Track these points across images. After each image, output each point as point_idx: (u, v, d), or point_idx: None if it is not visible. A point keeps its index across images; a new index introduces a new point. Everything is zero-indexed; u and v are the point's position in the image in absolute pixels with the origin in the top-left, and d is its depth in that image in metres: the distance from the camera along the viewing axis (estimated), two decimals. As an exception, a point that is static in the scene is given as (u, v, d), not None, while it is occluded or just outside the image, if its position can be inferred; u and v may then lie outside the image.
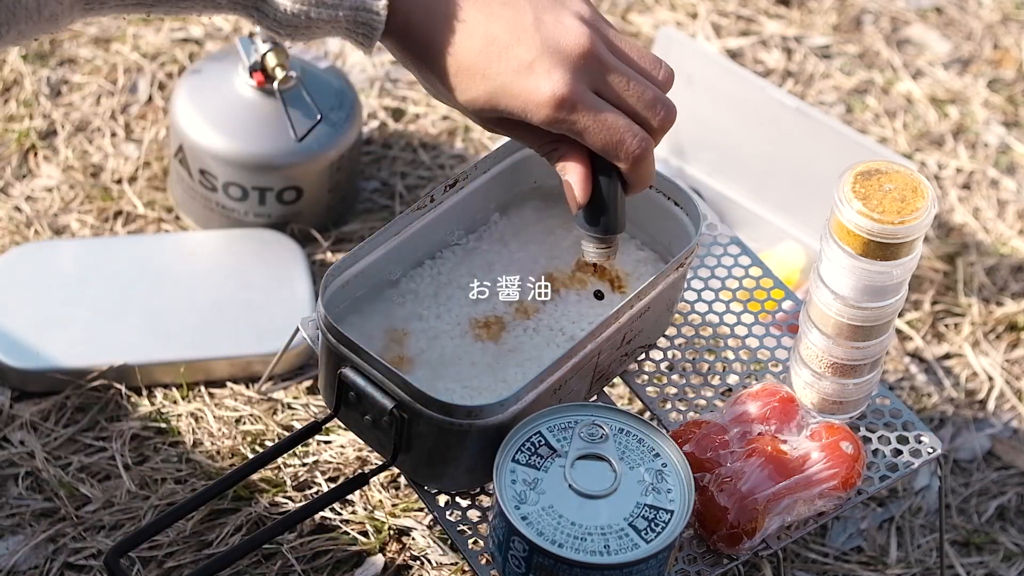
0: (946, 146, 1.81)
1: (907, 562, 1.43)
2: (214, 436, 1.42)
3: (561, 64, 1.02)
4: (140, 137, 1.67)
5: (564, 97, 1.02)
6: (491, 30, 1.02)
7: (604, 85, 1.04)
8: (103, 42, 1.76)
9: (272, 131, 1.53)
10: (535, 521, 1.09)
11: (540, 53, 1.02)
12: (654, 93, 1.06)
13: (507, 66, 1.02)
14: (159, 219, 1.60)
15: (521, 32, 1.02)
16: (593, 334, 1.17)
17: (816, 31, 1.91)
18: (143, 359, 1.44)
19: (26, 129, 1.66)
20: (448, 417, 1.11)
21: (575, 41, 1.03)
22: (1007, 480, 1.51)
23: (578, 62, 1.03)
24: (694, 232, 1.24)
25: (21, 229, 1.56)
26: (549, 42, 1.02)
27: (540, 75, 1.02)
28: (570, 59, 1.02)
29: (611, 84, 1.04)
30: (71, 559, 1.34)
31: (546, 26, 1.03)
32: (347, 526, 1.37)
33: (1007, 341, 1.62)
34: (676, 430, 1.21)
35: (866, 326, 1.20)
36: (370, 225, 1.61)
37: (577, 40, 1.03)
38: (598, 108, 1.03)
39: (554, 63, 1.02)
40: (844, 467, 1.18)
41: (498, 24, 1.02)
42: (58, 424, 1.43)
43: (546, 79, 1.02)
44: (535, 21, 1.03)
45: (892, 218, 1.14)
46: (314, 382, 1.47)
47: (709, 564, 1.18)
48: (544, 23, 1.03)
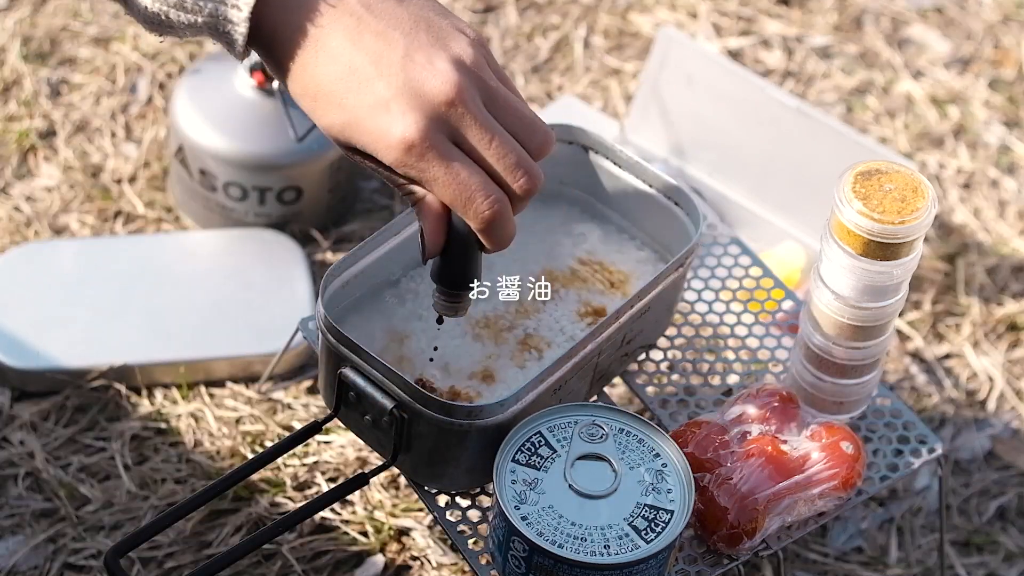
0: (946, 146, 1.81)
1: (907, 562, 1.43)
2: (214, 436, 1.42)
3: (419, 108, 0.97)
4: (140, 137, 1.67)
5: (415, 142, 0.97)
6: (355, 60, 0.98)
7: (463, 138, 0.99)
8: (103, 42, 1.76)
9: (272, 131, 1.53)
10: (535, 521, 1.09)
11: (399, 92, 0.97)
12: (517, 156, 0.99)
13: (363, 100, 0.98)
14: (159, 219, 1.60)
15: (385, 67, 0.97)
16: (593, 334, 1.17)
17: (816, 31, 1.91)
18: (143, 359, 1.44)
19: (26, 129, 1.66)
20: (448, 417, 1.11)
21: (440, 86, 0.97)
22: (1007, 480, 1.51)
23: (438, 108, 0.97)
24: (694, 232, 1.24)
25: (21, 229, 1.56)
26: (412, 83, 0.97)
27: (395, 115, 0.97)
28: (430, 104, 0.97)
29: (471, 138, 0.98)
30: (71, 559, 1.34)
31: (414, 65, 0.97)
32: (347, 526, 1.37)
33: (1007, 341, 1.62)
34: (676, 430, 1.21)
35: (866, 326, 1.20)
36: (370, 225, 1.61)
37: (442, 85, 0.97)
38: (450, 159, 0.98)
39: (411, 105, 0.97)
40: (844, 467, 1.18)
41: (363, 55, 0.98)
42: (58, 424, 1.43)
43: (399, 120, 0.97)
44: (403, 58, 0.97)
45: (892, 218, 1.14)
46: (314, 382, 1.47)
47: (709, 564, 1.18)
48: (413, 62, 0.97)
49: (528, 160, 1.00)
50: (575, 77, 1.81)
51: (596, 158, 1.28)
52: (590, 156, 1.28)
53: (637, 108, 1.69)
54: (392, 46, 0.98)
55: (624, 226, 1.30)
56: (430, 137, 0.97)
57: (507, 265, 1.26)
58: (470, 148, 0.99)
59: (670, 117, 1.68)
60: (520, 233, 1.28)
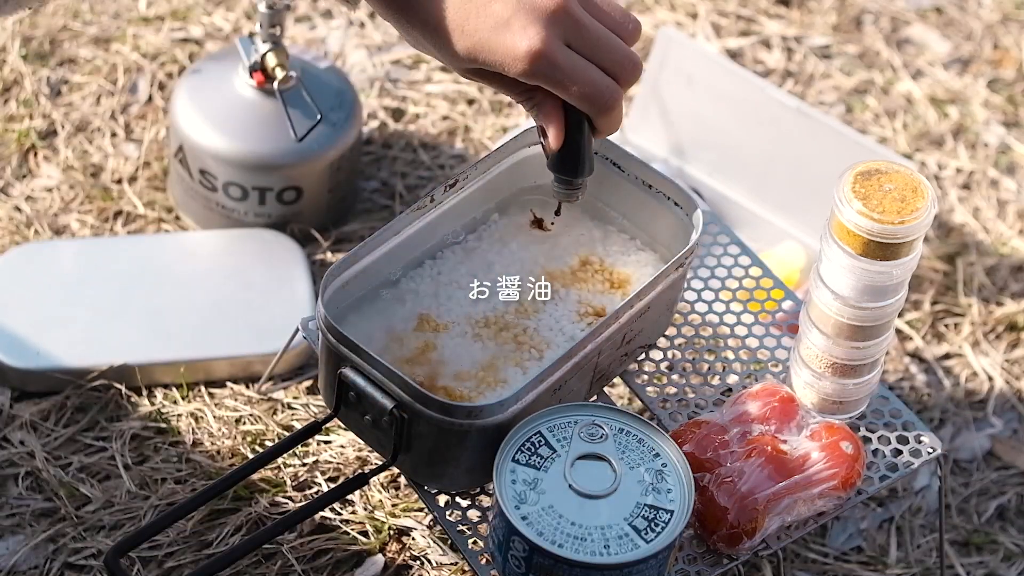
0: (946, 146, 1.81)
1: (907, 562, 1.43)
2: (214, 436, 1.42)
3: (536, 20, 1.06)
4: (140, 137, 1.67)
5: (539, 52, 1.06)
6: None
7: (577, 40, 1.08)
8: (103, 42, 1.76)
9: (272, 131, 1.53)
10: (535, 521, 1.09)
11: (516, 10, 1.06)
12: (623, 49, 1.10)
13: (484, 22, 1.06)
14: (159, 219, 1.60)
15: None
16: (593, 334, 1.17)
17: (816, 31, 1.91)
18: (143, 359, 1.44)
19: (26, 129, 1.66)
20: (448, 417, 1.11)
21: None
22: (1007, 480, 1.51)
23: (552, 18, 1.06)
24: (694, 232, 1.24)
25: (21, 229, 1.56)
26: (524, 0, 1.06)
27: (516, 31, 1.06)
28: (544, 15, 1.06)
29: (584, 39, 1.08)
30: (71, 559, 1.34)
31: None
32: (347, 526, 1.37)
33: (1007, 341, 1.62)
34: (676, 430, 1.21)
35: (866, 326, 1.20)
36: (370, 225, 1.61)
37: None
38: (572, 62, 1.08)
39: (529, 19, 1.06)
40: (844, 467, 1.18)
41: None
42: (58, 424, 1.43)
43: (522, 35, 1.06)
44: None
45: (892, 218, 1.14)
46: (314, 382, 1.47)
47: (709, 564, 1.18)
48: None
49: (627, 50, 1.10)
50: (575, 77, 1.81)
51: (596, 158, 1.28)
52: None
53: (637, 108, 1.69)
54: None
55: (624, 226, 1.30)
56: (551, 44, 1.07)
57: (507, 265, 1.26)
58: (584, 48, 1.08)
59: (670, 117, 1.68)
60: (520, 233, 1.28)
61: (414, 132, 1.72)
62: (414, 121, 1.73)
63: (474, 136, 1.73)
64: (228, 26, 1.79)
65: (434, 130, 1.73)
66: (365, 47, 1.80)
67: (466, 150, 1.71)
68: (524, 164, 1.28)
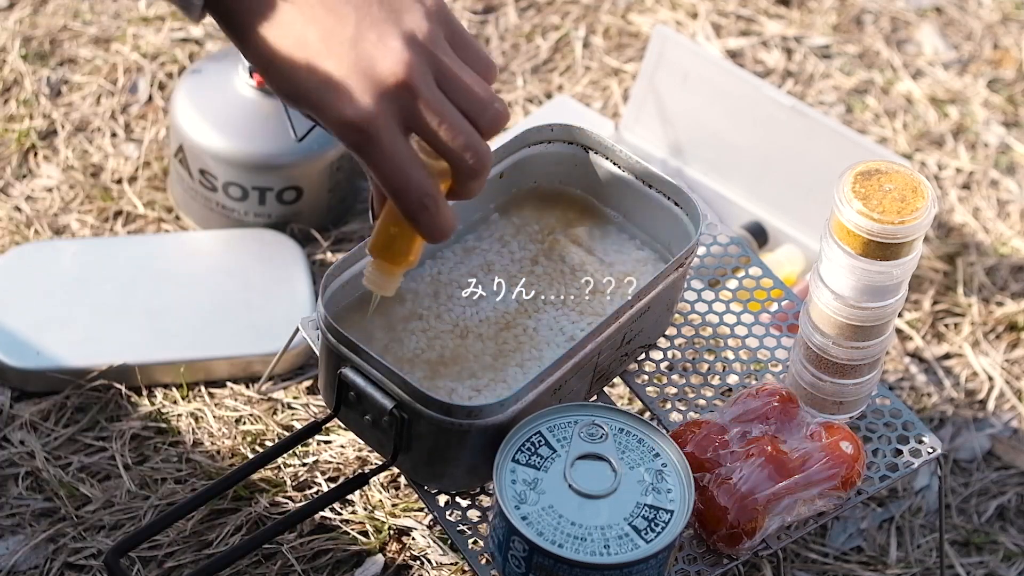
0: (946, 146, 1.81)
1: (907, 562, 1.43)
2: (214, 436, 1.42)
3: (368, 90, 0.95)
4: (140, 137, 1.67)
5: (361, 127, 0.96)
6: (306, 34, 0.96)
7: (412, 120, 0.97)
8: (103, 42, 1.76)
9: (272, 131, 1.53)
10: (535, 521, 1.09)
11: (349, 73, 0.96)
12: (466, 137, 0.98)
13: (315, 77, 0.96)
14: (159, 219, 1.60)
15: (336, 44, 0.96)
16: (593, 334, 1.17)
17: (816, 31, 1.91)
18: (143, 359, 1.44)
19: (26, 129, 1.66)
20: (448, 417, 1.11)
21: (390, 67, 0.96)
22: (1007, 480, 1.51)
23: (388, 91, 0.96)
24: (694, 232, 1.24)
25: (21, 229, 1.56)
26: (362, 63, 0.96)
27: (343, 96, 0.95)
28: (380, 86, 0.95)
29: (420, 120, 0.97)
30: (71, 559, 1.34)
31: (364, 44, 0.96)
32: (347, 526, 1.37)
33: (1007, 341, 1.62)
34: (676, 430, 1.21)
35: (866, 326, 1.20)
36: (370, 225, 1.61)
37: (393, 67, 0.96)
38: (392, 148, 0.97)
39: (361, 88, 0.95)
40: (844, 467, 1.18)
41: (314, 30, 0.96)
42: (58, 424, 1.43)
43: (348, 102, 0.95)
44: (354, 36, 0.96)
45: (892, 218, 1.14)
46: (314, 382, 1.47)
47: (709, 564, 1.18)
48: (364, 40, 0.96)
49: (475, 140, 0.98)
50: (575, 77, 1.81)
51: (596, 158, 1.28)
52: (590, 156, 1.28)
53: (632, 107, 1.69)
54: (343, 21, 0.96)
55: (624, 226, 1.30)
56: (376, 120, 0.96)
57: (506, 265, 1.26)
58: (418, 129, 0.98)
59: (666, 116, 1.68)
60: (520, 233, 1.28)
61: (414, 132, 1.72)
62: (414, 121, 1.73)
63: (474, 136, 1.72)
64: (228, 26, 1.79)
65: (434, 130, 1.72)
66: (365, 47, 1.80)
67: (466, 150, 1.71)
68: (524, 164, 1.28)
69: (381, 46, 0.96)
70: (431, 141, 0.98)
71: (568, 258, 1.27)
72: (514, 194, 1.30)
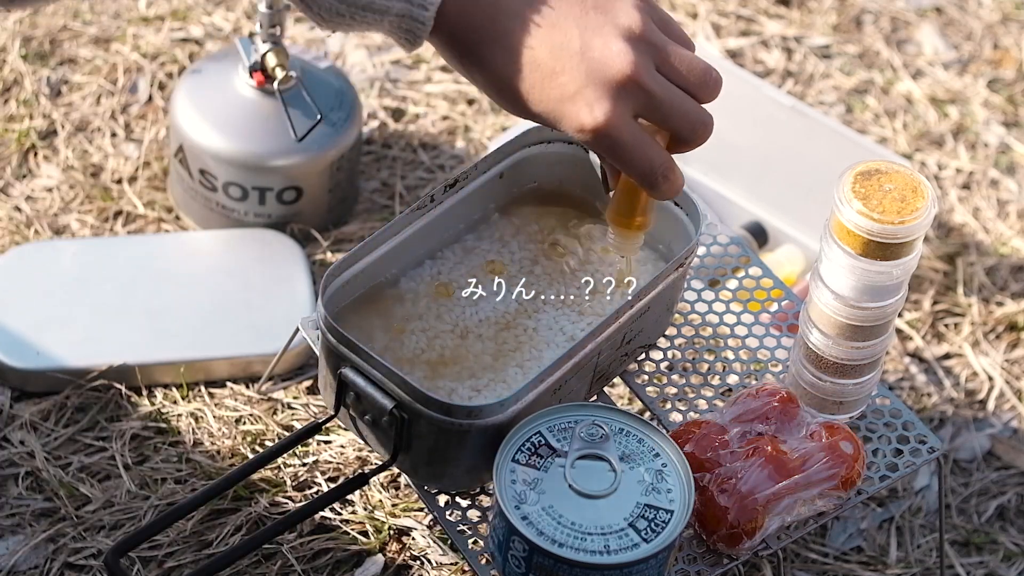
0: (946, 146, 1.81)
1: (907, 562, 1.43)
2: (214, 436, 1.42)
3: (604, 95, 1.03)
4: (140, 137, 1.67)
5: (604, 129, 1.04)
6: (536, 55, 1.03)
7: (644, 109, 1.05)
8: (103, 42, 1.76)
9: (272, 131, 1.53)
10: (535, 521, 1.09)
11: (584, 83, 1.03)
12: (692, 113, 1.07)
13: (551, 93, 1.04)
14: (159, 219, 1.60)
15: (566, 60, 1.03)
16: (593, 334, 1.17)
17: (816, 31, 1.91)
18: (143, 359, 1.44)
19: (26, 129, 1.66)
20: (448, 417, 1.11)
21: (619, 69, 1.03)
22: (1007, 480, 1.51)
23: (621, 91, 1.04)
24: (694, 232, 1.24)
25: (21, 229, 1.56)
26: (593, 72, 1.03)
27: (581, 106, 1.03)
28: (613, 89, 1.03)
29: (652, 107, 1.05)
30: (71, 559, 1.34)
31: (592, 52, 1.03)
32: (347, 526, 1.37)
33: (1007, 341, 1.62)
34: (676, 430, 1.21)
35: (866, 326, 1.20)
36: (370, 225, 1.61)
37: (621, 68, 1.03)
38: (635, 138, 1.05)
39: (597, 94, 1.03)
40: (844, 467, 1.18)
41: (544, 49, 1.03)
42: (58, 424, 1.43)
43: (587, 110, 1.03)
44: (581, 48, 1.03)
45: (892, 218, 1.14)
46: (314, 382, 1.47)
47: (709, 564, 1.18)
48: (591, 49, 1.03)
49: (698, 114, 1.07)
50: (575, 77, 1.81)
51: (596, 158, 1.28)
52: (590, 156, 1.28)
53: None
54: (568, 36, 1.03)
55: (624, 226, 1.30)
56: (617, 121, 1.04)
57: (506, 265, 1.26)
58: (649, 116, 1.06)
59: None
60: (520, 233, 1.28)
61: (414, 132, 1.72)
62: (414, 121, 1.73)
63: (474, 136, 1.73)
64: (228, 26, 1.79)
65: (434, 130, 1.73)
66: (365, 47, 1.80)
67: (466, 150, 1.71)
68: (524, 164, 1.28)
69: (607, 50, 1.03)
70: (662, 124, 1.07)
71: (568, 258, 1.27)
72: (514, 194, 1.30)
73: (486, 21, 1.03)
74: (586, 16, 1.04)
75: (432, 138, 1.72)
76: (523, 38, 1.03)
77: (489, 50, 1.04)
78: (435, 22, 1.04)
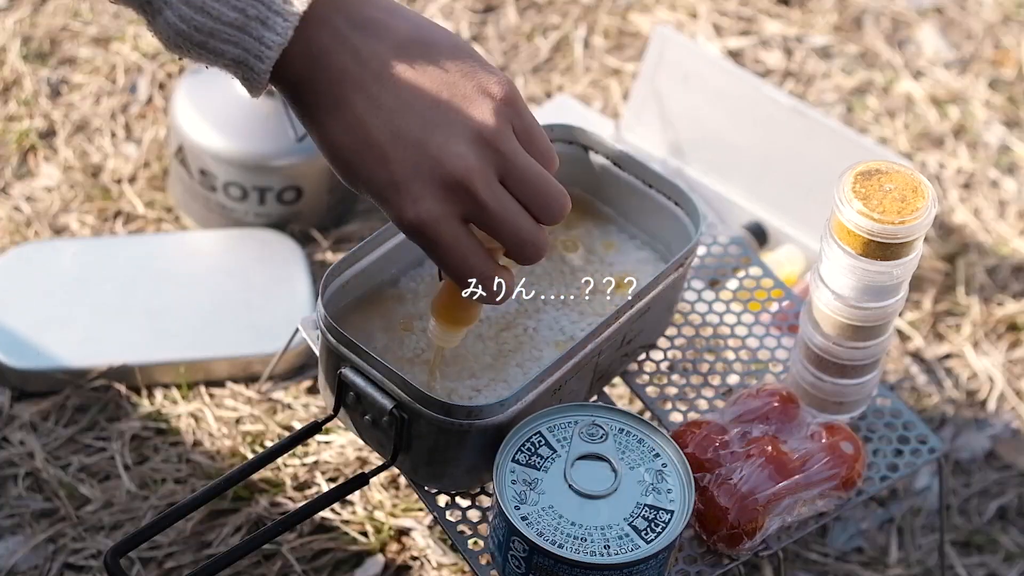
0: (946, 146, 1.81)
1: (907, 562, 1.43)
2: (214, 436, 1.42)
3: (430, 194, 0.98)
4: (140, 137, 1.67)
5: (424, 227, 0.99)
6: (372, 136, 0.98)
7: (474, 216, 1.00)
8: (103, 42, 1.76)
9: (272, 131, 1.53)
10: (535, 521, 1.09)
11: (412, 177, 0.98)
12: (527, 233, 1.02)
13: (379, 176, 0.98)
14: (159, 219, 1.60)
15: (401, 148, 0.98)
16: (593, 334, 1.17)
17: (816, 31, 1.91)
18: (143, 359, 1.44)
19: (26, 129, 1.66)
20: (448, 417, 1.11)
21: (452, 170, 0.98)
22: (1007, 480, 1.51)
23: (450, 193, 0.98)
24: (694, 232, 1.24)
25: (21, 229, 1.56)
26: (425, 167, 0.98)
27: (406, 198, 0.98)
28: (441, 188, 0.98)
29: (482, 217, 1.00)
30: (71, 559, 1.34)
31: (430, 147, 0.98)
32: (347, 526, 1.37)
33: (1008, 341, 1.62)
34: (676, 430, 1.21)
35: (866, 326, 1.20)
36: (370, 225, 1.61)
37: (454, 170, 0.98)
38: (455, 243, 1.00)
39: (423, 191, 0.98)
40: (844, 467, 1.18)
41: (382, 132, 0.98)
42: (58, 424, 1.43)
43: (410, 203, 0.98)
44: (420, 139, 0.98)
45: (892, 218, 1.14)
46: (314, 382, 1.47)
47: (709, 564, 1.18)
48: (430, 144, 0.98)
49: (533, 234, 1.02)
50: (575, 77, 1.81)
51: (596, 158, 1.28)
52: (590, 156, 1.28)
53: (632, 107, 1.69)
54: (410, 125, 0.98)
55: (624, 226, 1.30)
56: (439, 221, 0.99)
57: (507, 265, 1.26)
58: (479, 224, 1.01)
59: (667, 117, 1.68)
60: (520, 233, 1.28)
61: (414, 132, 1.72)
62: (414, 121, 1.73)
63: (474, 136, 1.72)
64: (228, 26, 1.79)
65: (434, 130, 1.72)
66: (365, 47, 1.80)
67: (466, 150, 1.71)
68: (524, 164, 1.28)
69: (446, 149, 0.98)
70: (492, 236, 1.01)
71: (568, 258, 1.27)
72: (514, 194, 1.30)
73: (329, 86, 0.98)
74: (436, 108, 0.98)
75: (432, 138, 1.72)
76: (363, 115, 0.98)
77: (327, 116, 0.99)
78: (276, 74, 1.00)
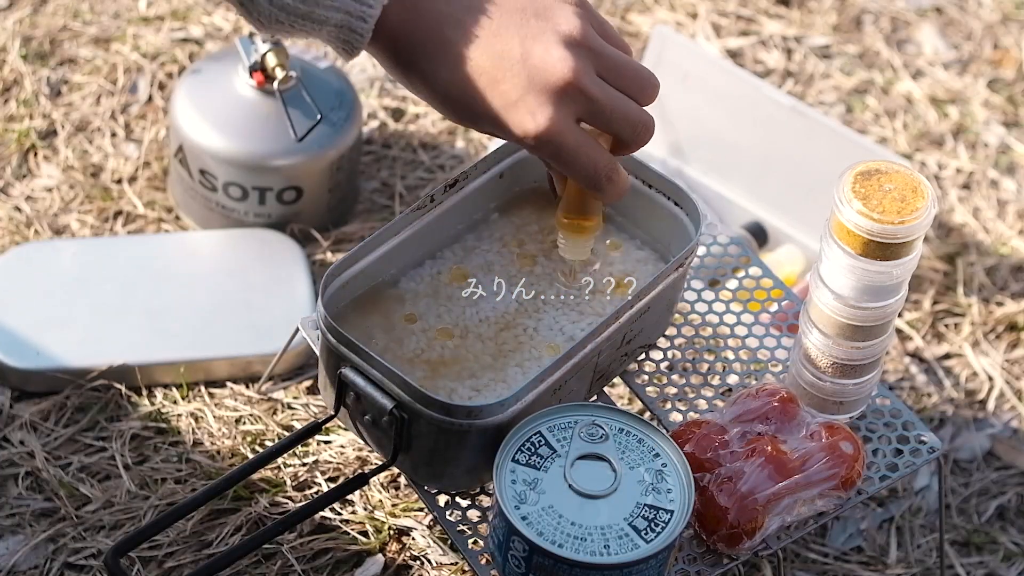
0: (946, 146, 1.81)
1: (907, 562, 1.43)
2: (214, 436, 1.42)
3: (546, 102, 1.04)
4: (140, 137, 1.67)
5: (547, 135, 1.05)
6: (479, 64, 1.04)
7: (586, 113, 1.07)
8: (103, 42, 1.76)
9: (272, 131, 1.53)
10: (535, 521, 1.09)
11: (526, 90, 1.04)
12: (632, 115, 1.08)
13: (494, 101, 1.04)
14: (159, 219, 1.60)
15: (507, 68, 1.04)
16: (593, 334, 1.17)
17: (816, 31, 1.91)
18: (143, 359, 1.44)
19: (26, 129, 1.66)
20: (448, 417, 1.11)
21: (560, 75, 1.04)
22: (1007, 480, 1.51)
23: (562, 97, 1.05)
24: (694, 232, 1.24)
25: (21, 229, 1.56)
26: (534, 79, 1.04)
27: (524, 112, 1.04)
28: (554, 95, 1.04)
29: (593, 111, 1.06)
30: (71, 559, 1.34)
31: (533, 59, 1.04)
32: (347, 526, 1.37)
33: (1007, 341, 1.62)
34: (676, 430, 1.21)
35: (866, 326, 1.20)
36: (370, 225, 1.61)
37: (562, 74, 1.04)
38: (578, 141, 1.06)
39: (539, 101, 1.04)
40: (844, 467, 1.19)
41: (486, 58, 1.04)
42: (58, 424, 1.43)
43: (530, 117, 1.04)
44: (522, 55, 1.04)
45: (892, 218, 1.14)
46: (314, 382, 1.47)
47: (709, 564, 1.18)
48: (532, 56, 1.04)
49: (638, 115, 1.09)
50: (575, 77, 1.81)
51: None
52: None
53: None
54: (509, 43, 1.04)
55: (624, 226, 1.30)
56: (559, 125, 1.05)
57: (506, 265, 1.26)
58: (591, 120, 1.07)
59: (667, 117, 1.68)
60: (520, 233, 1.28)
61: (414, 132, 1.72)
62: (414, 121, 1.73)
63: (474, 136, 1.73)
64: (228, 26, 1.79)
65: (434, 130, 1.73)
66: (365, 47, 1.80)
67: (466, 150, 1.71)
68: (524, 164, 1.28)
69: (548, 57, 1.04)
70: (604, 128, 1.08)
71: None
72: (514, 194, 1.30)
73: (427, 31, 1.04)
74: (527, 23, 1.05)
75: (432, 138, 1.72)
76: (465, 47, 1.04)
77: (431, 60, 1.04)
78: (375, 33, 1.05)
